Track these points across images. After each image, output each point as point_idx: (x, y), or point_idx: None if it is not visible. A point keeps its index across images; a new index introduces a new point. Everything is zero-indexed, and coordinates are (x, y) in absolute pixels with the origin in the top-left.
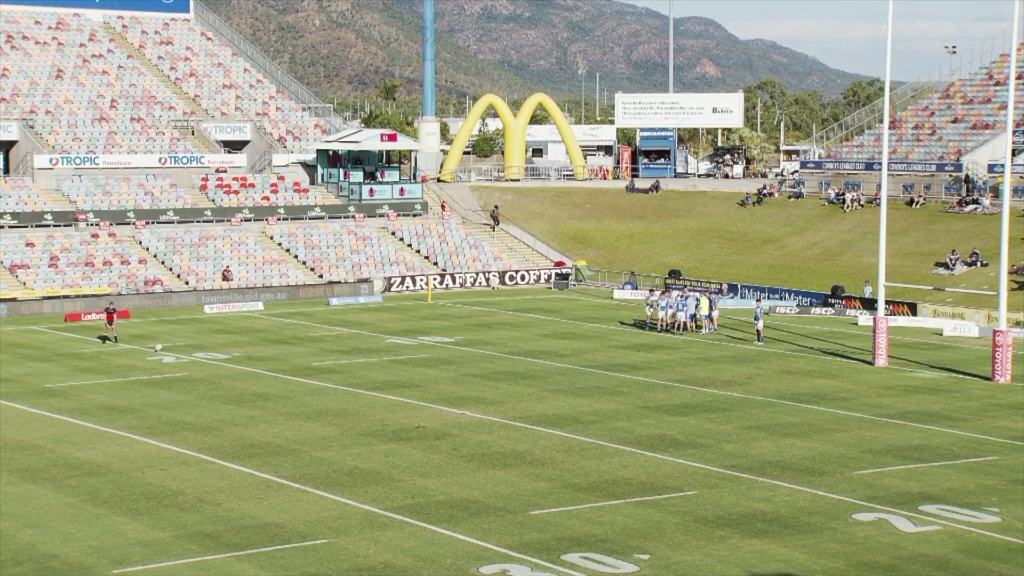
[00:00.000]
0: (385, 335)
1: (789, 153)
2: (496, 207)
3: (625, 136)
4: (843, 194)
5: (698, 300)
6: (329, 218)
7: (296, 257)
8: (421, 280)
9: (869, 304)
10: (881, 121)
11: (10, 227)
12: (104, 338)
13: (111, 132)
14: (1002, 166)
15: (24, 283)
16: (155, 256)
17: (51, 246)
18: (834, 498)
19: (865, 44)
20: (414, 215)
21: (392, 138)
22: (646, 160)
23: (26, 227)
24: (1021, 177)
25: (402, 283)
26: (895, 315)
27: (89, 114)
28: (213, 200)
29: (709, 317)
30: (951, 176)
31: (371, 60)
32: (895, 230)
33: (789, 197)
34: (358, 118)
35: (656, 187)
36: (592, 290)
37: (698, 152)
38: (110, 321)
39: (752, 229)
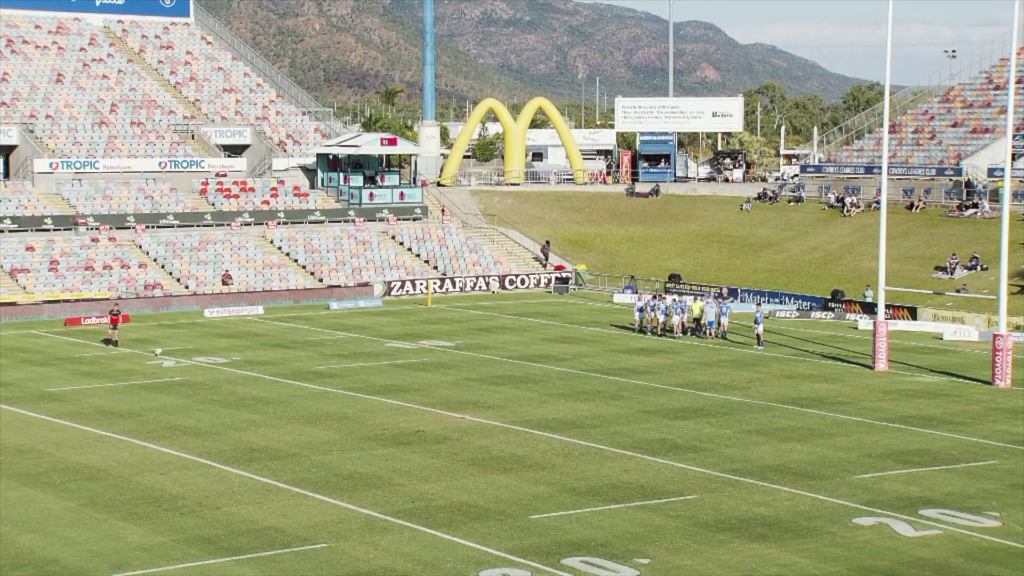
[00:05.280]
0: (385, 339)
1: (789, 157)
2: (547, 242)
3: (625, 140)
4: (843, 198)
5: (688, 304)
6: (329, 222)
7: (296, 261)
8: (421, 284)
9: (869, 308)
10: (881, 125)
11: (10, 231)
12: (108, 341)
13: (111, 136)
14: (1002, 170)
15: (24, 287)
16: (155, 260)
17: (51, 250)
18: (834, 502)
19: (864, 48)
20: (414, 219)
21: (392, 142)
22: (646, 164)
23: (26, 231)
24: (1021, 181)
25: (402, 287)
26: (895, 319)
27: (89, 118)
28: (213, 204)
29: (713, 324)
30: (951, 180)
31: (371, 64)
32: (895, 234)
33: (789, 201)
34: (358, 122)
35: (656, 191)
36: (592, 294)
37: (698, 156)
38: (114, 324)
39: (752, 233)
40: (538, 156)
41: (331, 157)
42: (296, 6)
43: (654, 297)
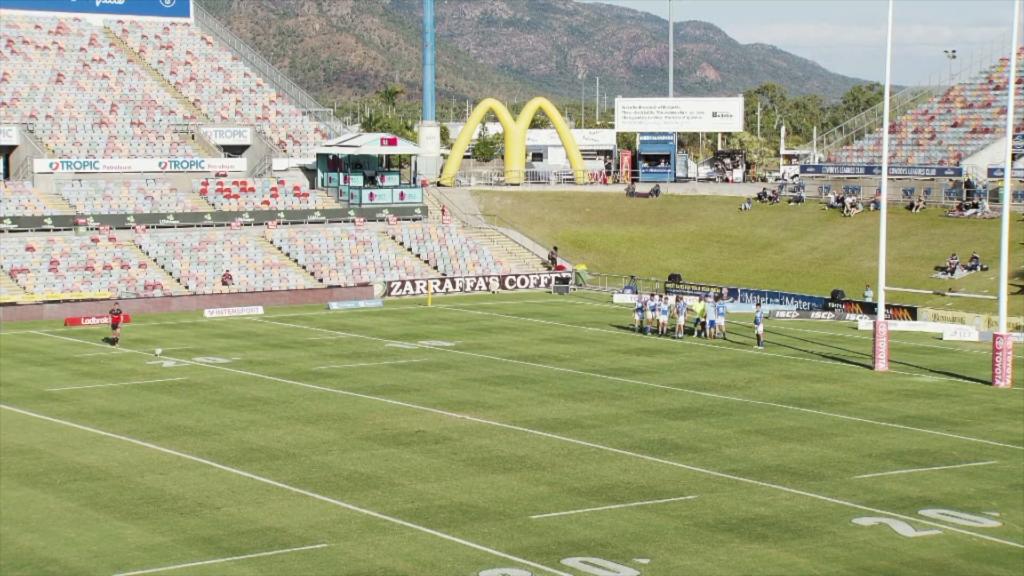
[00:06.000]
0: (385, 339)
1: (789, 157)
2: (555, 247)
3: (625, 140)
4: (843, 198)
5: (689, 305)
6: (329, 222)
7: (296, 261)
8: (421, 284)
9: (869, 308)
10: (881, 125)
11: (10, 231)
12: (109, 340)
13: (111, 136)
14: (1002, 170)
15: (24, 287)
16: (155, 260)
17: (51, 250)
18: (834, 502)
19: (864, 48)
20: (414, 219)
21: (392, 142)
22: (646, 164)
23: (26, 231)
24: (1021, 181)
25: (402, 287)
26: (895, 319)
27: (89, 118)
28: (213, 204)
29: (713, 324)
30: (951, 180)
31: (371, 64)
32: (895, 234)
33: (789, 201)
34: (358, 122)
35: (656, 191)
36: (592, 294)
37: (698, 156)
38: (115, 324)
39: (752, 233)
40: (538, 156)
41: (331, 157)
42: (296, 6)
43: (652, 296)
